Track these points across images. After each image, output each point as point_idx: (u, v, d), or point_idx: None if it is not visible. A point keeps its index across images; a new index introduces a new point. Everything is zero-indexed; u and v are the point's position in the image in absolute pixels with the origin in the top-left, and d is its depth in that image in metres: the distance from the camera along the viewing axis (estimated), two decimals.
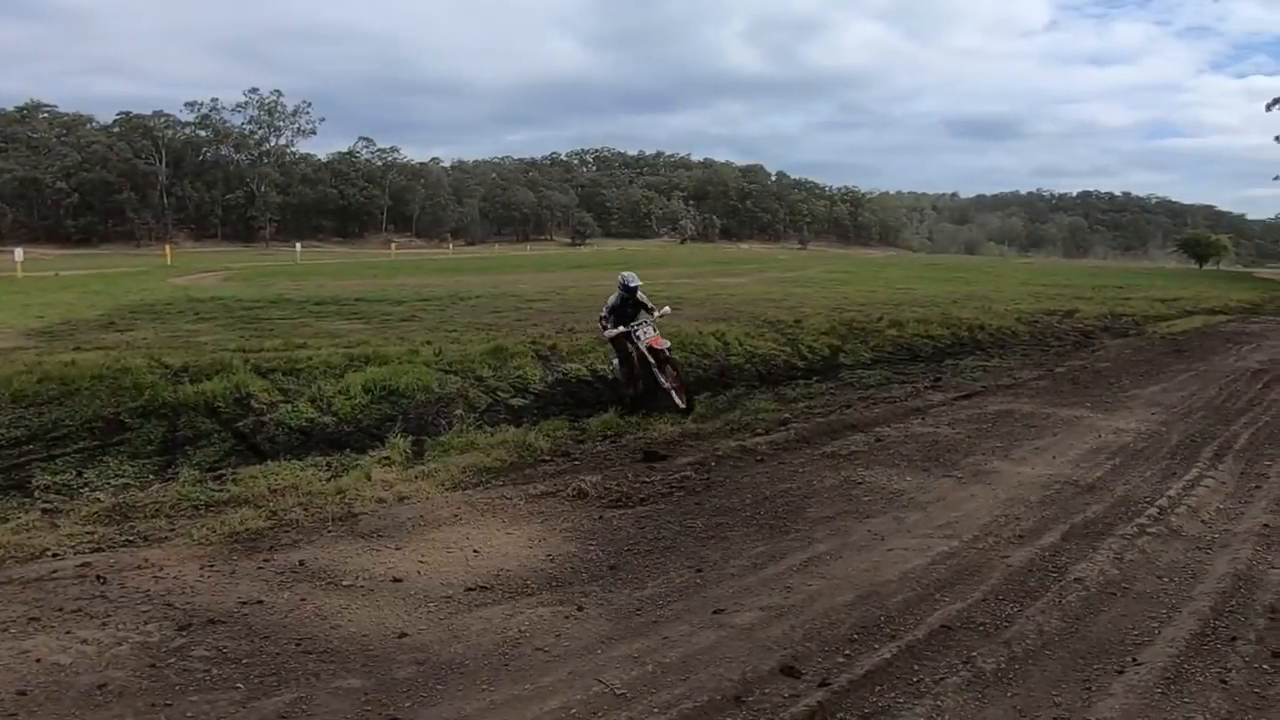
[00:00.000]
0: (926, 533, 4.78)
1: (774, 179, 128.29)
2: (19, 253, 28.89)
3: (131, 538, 4.64)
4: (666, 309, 8.57)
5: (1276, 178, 66.48)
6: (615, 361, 8.17)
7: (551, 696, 3.06)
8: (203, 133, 79.61)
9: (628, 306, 8.01)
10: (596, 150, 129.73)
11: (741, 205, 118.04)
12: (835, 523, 4.96)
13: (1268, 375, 10.88)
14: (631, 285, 7.98)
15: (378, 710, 2.97)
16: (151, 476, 5.96)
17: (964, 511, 5.14)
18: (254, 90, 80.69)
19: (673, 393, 7.70)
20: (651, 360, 7.68)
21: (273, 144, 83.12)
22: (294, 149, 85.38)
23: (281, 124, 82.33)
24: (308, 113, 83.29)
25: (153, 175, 72.57)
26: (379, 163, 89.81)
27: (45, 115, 76.24)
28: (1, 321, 11.98)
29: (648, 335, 7.75)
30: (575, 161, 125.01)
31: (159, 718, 2.90)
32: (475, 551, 4.48)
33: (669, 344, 7.99)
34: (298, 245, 53.31)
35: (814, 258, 56.87)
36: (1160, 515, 5.02)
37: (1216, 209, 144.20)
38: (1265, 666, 3.27)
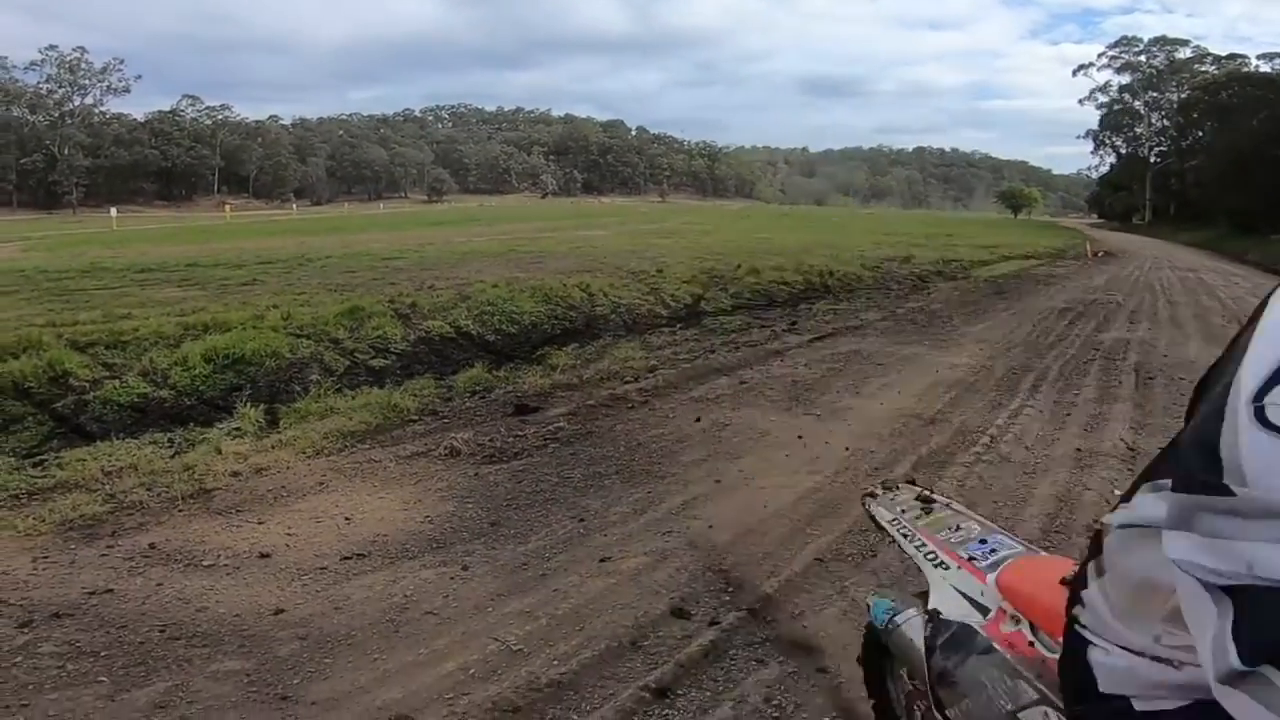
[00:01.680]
0: (792, 469, 5.03)
1: (634, 134, 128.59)
2: None
3: None
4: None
5: (1079, 137, 74.04)
6: None
7: (447, 659, 3.01)
8: None
9: None
10: (452, 107, 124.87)
11: (603, 160, 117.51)
12: (708, 465, 5.12)
13: (1071, 313, 12.33)
14: None
15: (264, 690, 2.81)
16: None
17: (824, 448, 5.43)
18: (52, 47, 72.03)
19: None
20: None
21: (78, 104, 74.87)
22: (104, 109, 77.50)
23: (88, 82, 74.58)
24: (120, 70, 75.75)
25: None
26: (207, 121, 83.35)
27: None
28: None
29: None
30: (430, 118, 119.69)
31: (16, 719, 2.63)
32: (347, 519, 4.29)
33: None
34: (113, 210, 47.66)
35: (674, 210, 57.71)
36: (991, 444, 5.55)
37: (1029, 164, 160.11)
38: None
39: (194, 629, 3.20)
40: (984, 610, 1.40)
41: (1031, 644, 1.26)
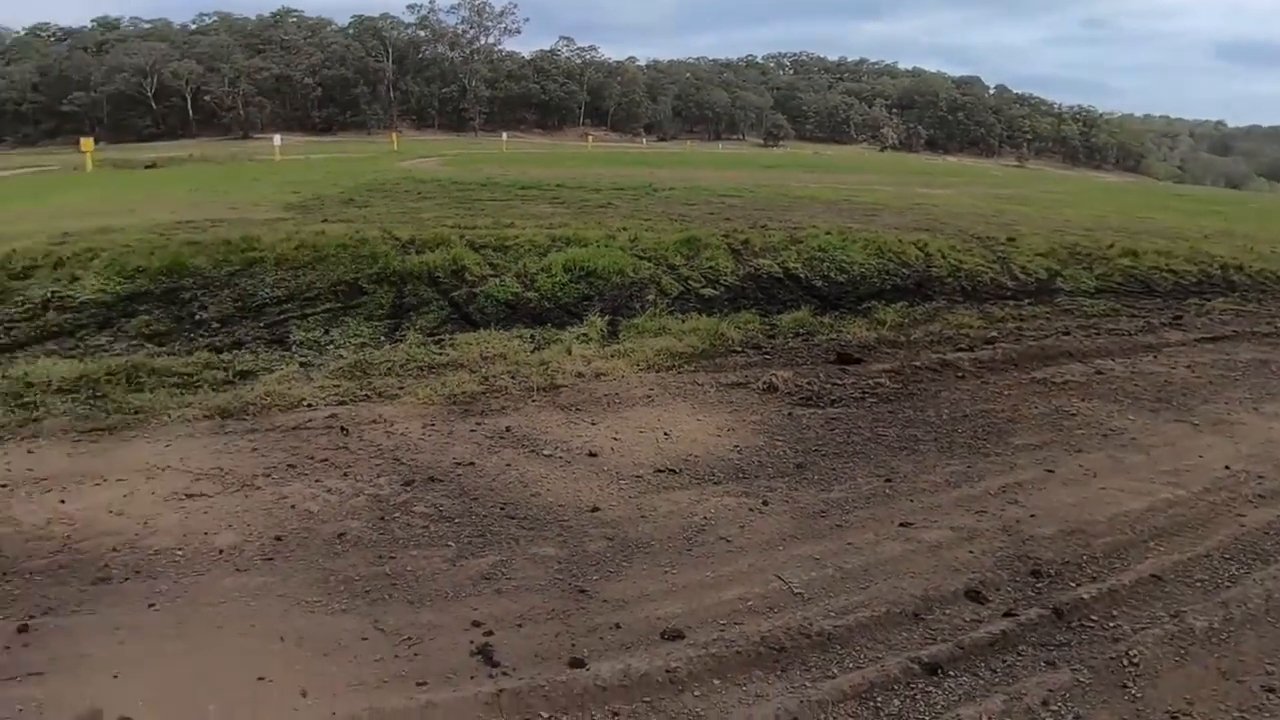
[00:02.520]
0: (1148, 477, 4.34)
1: (992, 92, 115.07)
2: (278, 139, 32.89)
3: (369, 393, 5.06)
4: None
5: None
6: None
7: (731, 586, 3.13)
8: (422, 33, 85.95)
9: None
10: (794, 54, 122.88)
11: (951, 117, 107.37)
12: (1041, 452, 4.63)
13: None
14: None
15: (568, 579, 3.14)
16: (383, 338, 6.63)
17: (1196, 461, 4.60)
18: None
19: None
20: None
21: (482, 43, 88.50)
22: (501, 47, 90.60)
23: (490, 24, 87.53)
24: (513, 14, 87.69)
25: (381, 72, 79.77)
26: (578, 60, 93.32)
27: (294, 20, 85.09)
28: (265, 196, 13.67)
29: None
30: (772, 65, 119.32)
31: (384, 569, 3.16)
32: (666, 434, 4.62)
33: None
34: (504, 135, 56.63)
35: (1034, 176, 50.96)
36: None
37: None
38: None
39: (526, 511, 3.67)
40: None
41: None
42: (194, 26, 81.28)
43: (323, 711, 2.40)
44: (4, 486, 3.74)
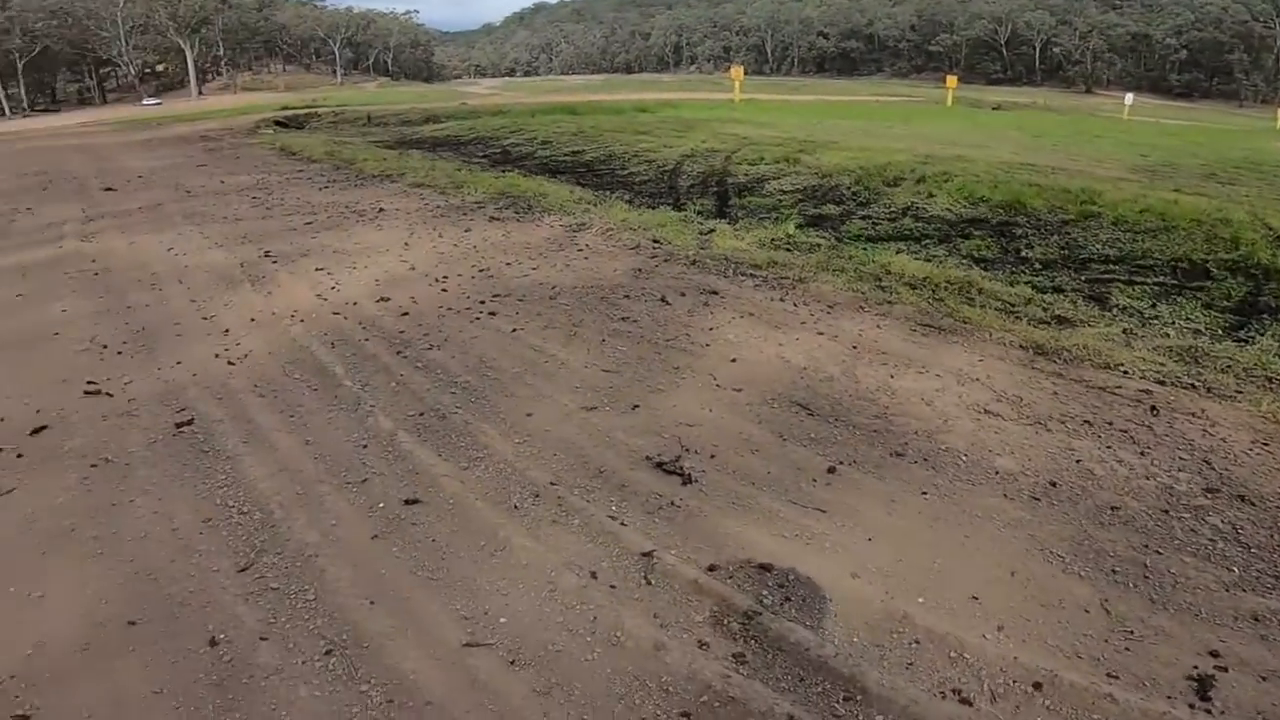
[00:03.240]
0: None
1: None
2: (1129, 98, 30.56)
3: (1195, 383, 4.49)
4: None
5: None
6: None
7: None
8: None
9: None
10: None
11: None
12: None
13: None
14: None
15: None
16: (1221, 331, 5.67)
17: None
18: None
19: None
20: None
21: None
22: None
23: None
24: None
25: (1270, 39, 64.81)
26: None
27: None
28: (1107, 154, 12.95)
29: None
30: None
31: (1144, 559, 2.89)
32: None
33: None
34: None
35: None
36: None
37: None
38: None
39: None
40: None
41: None
42: None
43: (1007, 649, 2.46)
44: (855, 349, 4.65)
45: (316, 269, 6.29)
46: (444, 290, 5.69)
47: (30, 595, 2.68)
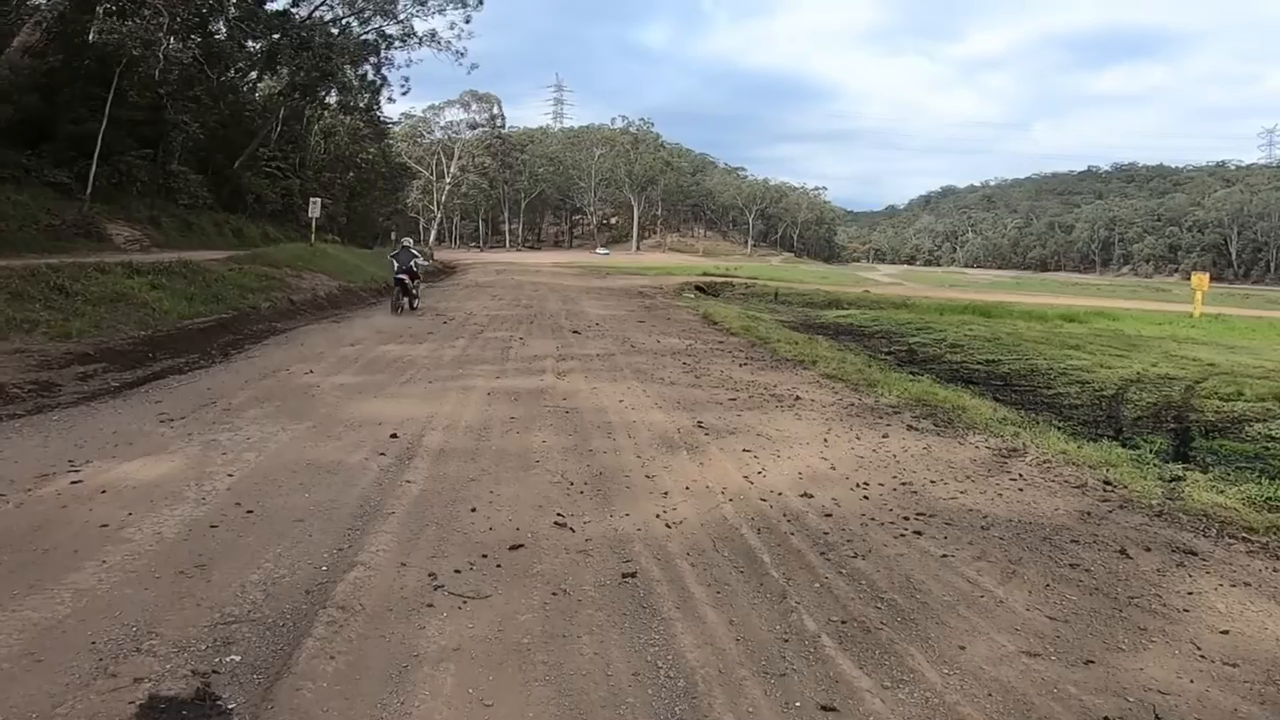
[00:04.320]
0: None
1: None
2: None
3: None
4: None
5: None
6: None
7: None
8: None
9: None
10: None
11: None
12: None
13: None
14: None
15: None
16: None
17: None
18: None
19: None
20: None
21: None
22: None
23: None
24: None
25: None
26: None
27: None
28: None
29: None
30: None
31: None
32: None
33: None
34: None
35: None
36: None
37: None
38: None
39: None
40: None
41: None
42: None
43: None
44: None
45: (744, 450, 6.74)
46: (865, 497, 5.63)
47: (482, 701, 3.04)
